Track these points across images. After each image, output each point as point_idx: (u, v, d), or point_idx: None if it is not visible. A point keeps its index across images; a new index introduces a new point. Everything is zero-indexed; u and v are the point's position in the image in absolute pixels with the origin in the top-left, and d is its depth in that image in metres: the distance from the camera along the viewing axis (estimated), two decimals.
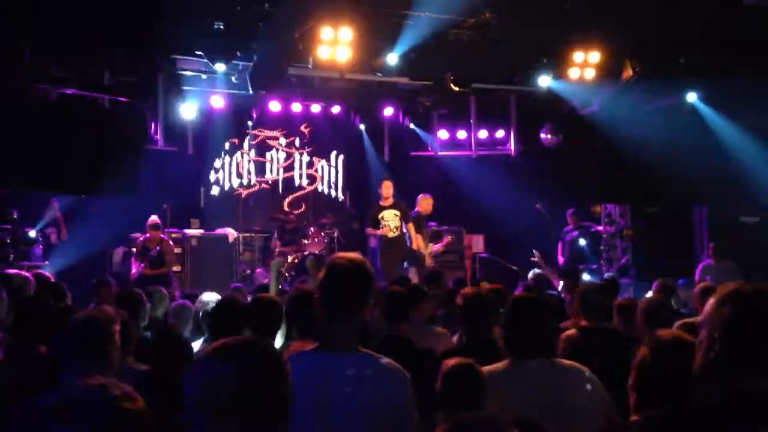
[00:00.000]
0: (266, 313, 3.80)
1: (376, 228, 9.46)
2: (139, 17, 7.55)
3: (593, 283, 4.48)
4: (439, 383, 2.76)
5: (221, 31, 7.97)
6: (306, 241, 10.19)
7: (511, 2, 8.31)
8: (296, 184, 12.17)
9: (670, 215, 11.13)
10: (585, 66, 9.30)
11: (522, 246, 10.43)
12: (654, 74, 9.39)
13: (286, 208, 11.87)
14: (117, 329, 2.81)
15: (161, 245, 9.13)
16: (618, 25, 8.63)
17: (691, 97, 9.82)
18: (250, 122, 11.64)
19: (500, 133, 12.00)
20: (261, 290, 6.14)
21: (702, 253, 10.51)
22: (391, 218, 9.45)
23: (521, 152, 11.77)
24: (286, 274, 9.34)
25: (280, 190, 12.07)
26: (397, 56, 8.74)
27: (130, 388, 1.35)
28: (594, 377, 2.84)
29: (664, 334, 2.29)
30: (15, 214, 8.81)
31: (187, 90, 9.89)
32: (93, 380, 1.34)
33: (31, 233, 9.01)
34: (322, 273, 2.38)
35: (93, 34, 7.70)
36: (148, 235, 9.14)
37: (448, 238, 10.35)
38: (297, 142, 12.17)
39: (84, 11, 7.31)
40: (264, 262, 10.68)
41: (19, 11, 7.23)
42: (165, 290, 5.69)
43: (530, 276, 7.51)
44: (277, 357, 1.59)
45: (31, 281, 5.40)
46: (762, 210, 10.14)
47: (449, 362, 2.81)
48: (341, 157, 12.43)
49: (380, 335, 4.16)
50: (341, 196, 12.41)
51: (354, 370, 2.26)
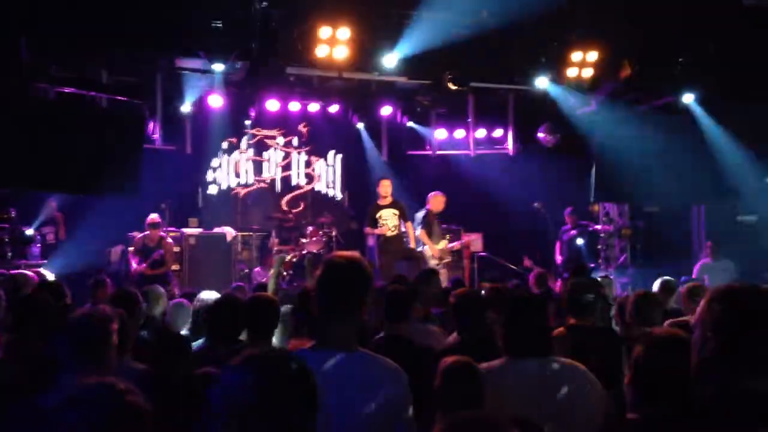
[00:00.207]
0: (263, 313, 3.80)
1: (375, 227, 9.46)
2: (138, 17, 7.55)
3: (581, 281, 4.42)
4: (438, 381, 2.77)
5: (220, 31, 7.96)
6: (304, 240, 10.18)
7: (511, 2, 8.31)
8: (294, 184, 12.17)
9: (668, 214, 11.15)
10: (583, 65, 9.31)
11: (521, 245, 10.47)
12: (652, 74, 9.40)
13: (285, 208, 11.87)
14: (114, 328, 2.81)
15: (161, 243, 9.13)
16: (616, 25, 8.64)
17: (688, 99, 9.82)
18: (248, 121, 11.61)
19: (498, 132, 12.00)
20: (261, 289, 6.12)
21: (700, 252, 10.55)
22: (390, 217, 9.45)
23: (519, 151, 11.78)
24: (284, 273, 9.33)
25: (278, 190, 12.06)
26: (396, 55, 8.74)
27: (132, 385, 1.37)
28: (591, 375, 2.85)
29: (660, 332, 2.31)
30: (13, 213, 8.81)
31: (186, 89, 9.88)
32: (97, 378, 1.35)
33: (29, 232, 9.00)
34: (320, 271, 2.37)
35: (92, 34, 7.70)
36: (148, 233, 9.13)
37: (467, 238, 10.33)
38: (295, 142, 12.16)
39: (83, 11, 7.31)
40: (262, 261, 10.68)
41: (18, 11, 7.23)
42: (162, 289, 5.67)
43: (532, 275, 7.50)
44: (303, 371, 1.56)
45: (35, 281, 5.40)
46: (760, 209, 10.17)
47: (447, 360, 2.82)
48: (339, 156, 12.43)
49: (379, 334, 4.16)
50: (339, 195, 12.41)
51: (352, 370, 2.26)
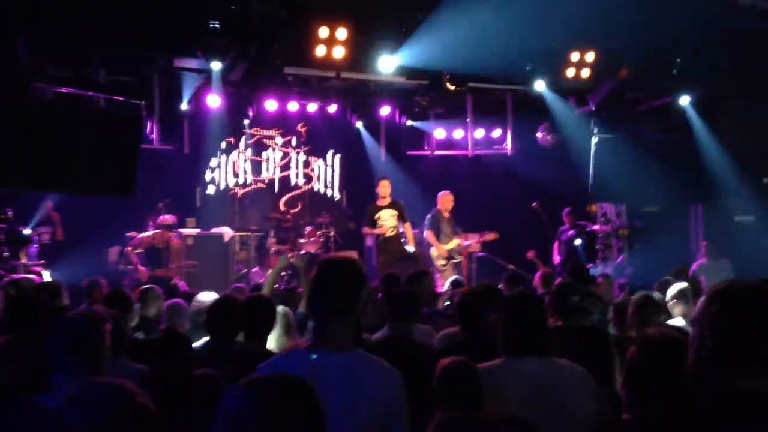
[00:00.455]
0: (259, 313, 3.79)
1: (373, 227, 9.46)
2: (136, 16, 7.54)
3: (567, 282, 4.36)
4: (436, 381, 2.77)
5: (217, 30, 7.96)
6: (302, 241, 10.18)
7: (510, 2, 8.30)
8: (292, 184, 12.16)
9: (666, 214, 11.15)
10: (581, 65, 9.31)
11: (519, 245, 10.46)
12: (650, 74, 9.40)
13: (283, 208, 11.87)
14: (107, 329, 2.80)
15: (169, 245, 9.13)
16: (615, 25, 8.64)
17: (685, 100, 9.83)
18: (247, 121, 11.61)
19: (497, 133, 11.98)
20: (259, 290, 6.10)
21: (697, 252, 10.55)
22: (388, 217, 9.45)
23: (518, 151, 11.78)
24: (282, 273, 9.32)
25: (277, 190, 12.06)
26: (394, 55, 8.73)
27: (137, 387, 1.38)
28: (589, 376, 2.85)
29: (654, 332, 2.31)
30: (10, 213, 8.79)
31: (184, 89, 9.87)
32: (106, 379, 1.36)
33: (26, 232, 8.99)
34: (315, 272, 2.38)
35: (90, 34, 7.69)
36: (157, 233, 9.11)
37: (489, 236, 10.29)
38: (293, 141, 12.16)
39: (81, 10, 7.30)
40: (260, 261, 10.67)
41: (16, 11, 7.21)
42: (160, 290, 5.66)
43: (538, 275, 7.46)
44: (305, 390, 1.55)
45: (36, 282, 5.41)
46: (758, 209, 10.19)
47: (445, 360, 2.82)
48: (338, 156, 12.42)
49: (377, 333, 4.17)
50: (337, 196, 12.41)
51: (347, 370, 2.26)
